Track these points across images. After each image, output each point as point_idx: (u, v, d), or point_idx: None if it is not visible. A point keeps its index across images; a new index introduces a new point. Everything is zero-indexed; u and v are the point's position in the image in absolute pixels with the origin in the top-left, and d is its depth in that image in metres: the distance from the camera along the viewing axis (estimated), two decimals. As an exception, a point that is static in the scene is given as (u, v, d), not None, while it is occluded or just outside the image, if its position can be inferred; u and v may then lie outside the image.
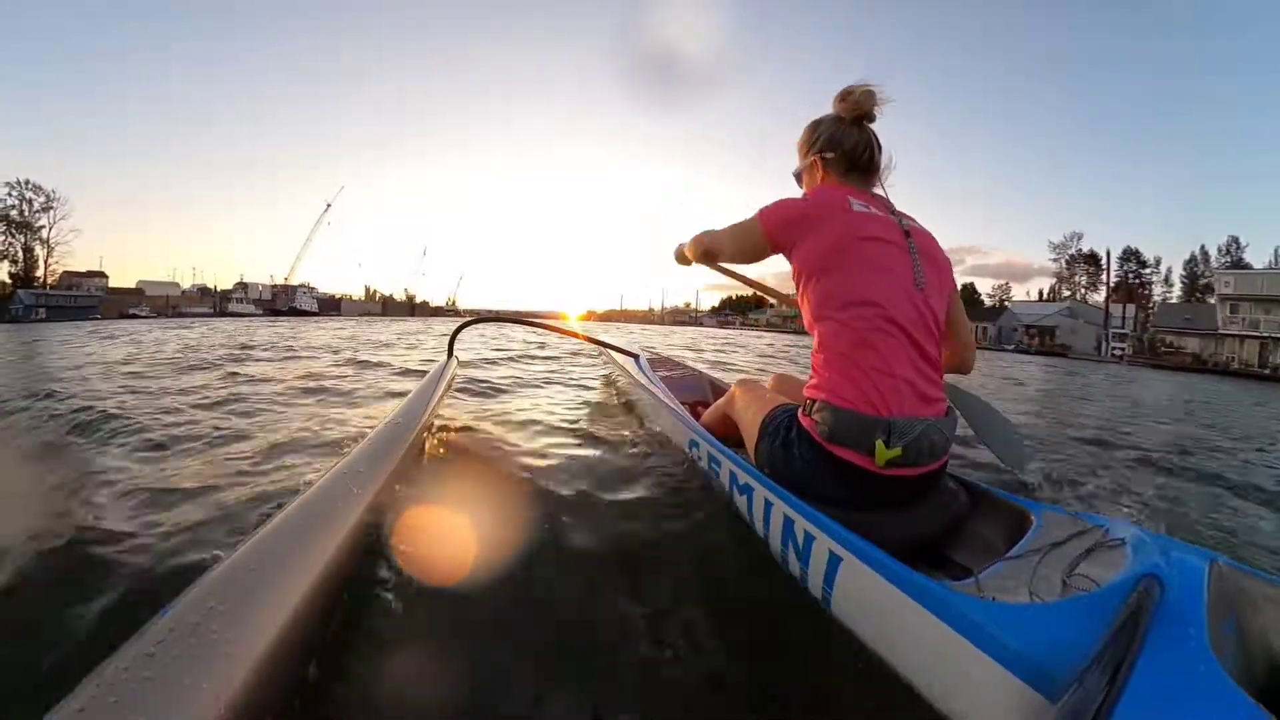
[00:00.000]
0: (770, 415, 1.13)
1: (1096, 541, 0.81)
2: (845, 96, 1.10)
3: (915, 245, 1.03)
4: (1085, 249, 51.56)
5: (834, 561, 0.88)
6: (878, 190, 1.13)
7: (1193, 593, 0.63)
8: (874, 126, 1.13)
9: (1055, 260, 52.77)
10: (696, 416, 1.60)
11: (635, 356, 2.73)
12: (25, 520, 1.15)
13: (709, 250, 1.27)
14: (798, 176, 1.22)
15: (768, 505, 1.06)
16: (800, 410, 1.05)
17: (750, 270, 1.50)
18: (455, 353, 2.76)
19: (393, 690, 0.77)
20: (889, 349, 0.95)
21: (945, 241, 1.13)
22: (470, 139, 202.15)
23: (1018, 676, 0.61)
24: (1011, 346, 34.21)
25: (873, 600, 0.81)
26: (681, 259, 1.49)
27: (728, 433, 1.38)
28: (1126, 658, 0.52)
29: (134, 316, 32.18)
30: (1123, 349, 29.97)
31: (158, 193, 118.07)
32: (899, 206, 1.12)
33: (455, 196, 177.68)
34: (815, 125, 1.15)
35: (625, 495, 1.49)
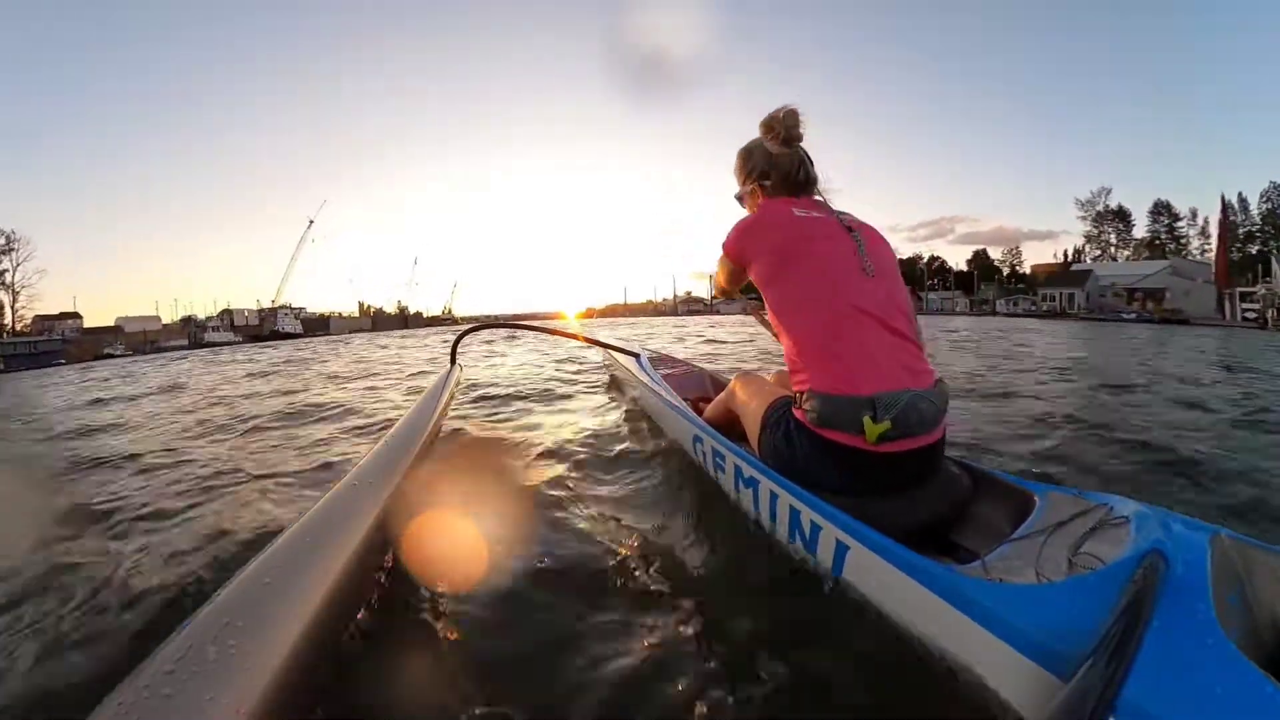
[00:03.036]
0: (770, 408, 1.14)
1: (1100, 520, 0.82)
2: (771, 124, 1.16)
3: (860, 237, 1.09)
4: (1114, 204, 48.34)
5: (841, 550, 0.89)
6: (817, 197, 1.20)
7: (1197, 566, 0.64)
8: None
9: (1083, 218, 49.91)
10: (699, 412, 1.60)
11: (636, 355, 2.74)
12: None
13: (722, 288, 1.39)
14: (739, 199, 1.30)
15: (773, 497, 1.07)
16: (793, 402, 1.06)
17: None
18: (458, 360, 2.78)
19: (411, 697, 0.78)
20: (856, 331, 0.99)
21: (934, 211, 1.17)
22: (456, 142, 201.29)
23: (1027, 656, 0.61)
24: (1132, 315, 27.26)
25: (881, 586, 0.82)
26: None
27: (730, 427, 1.38)
28: (1134, 634, 0.52)
29: (109, 356, 29.30)
30: (1257, 310, 23.16)
31: (135, 223, 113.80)
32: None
33: (444, 202, 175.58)
34: (748, 154, 1.24)
35: (631, 493, 1.50)
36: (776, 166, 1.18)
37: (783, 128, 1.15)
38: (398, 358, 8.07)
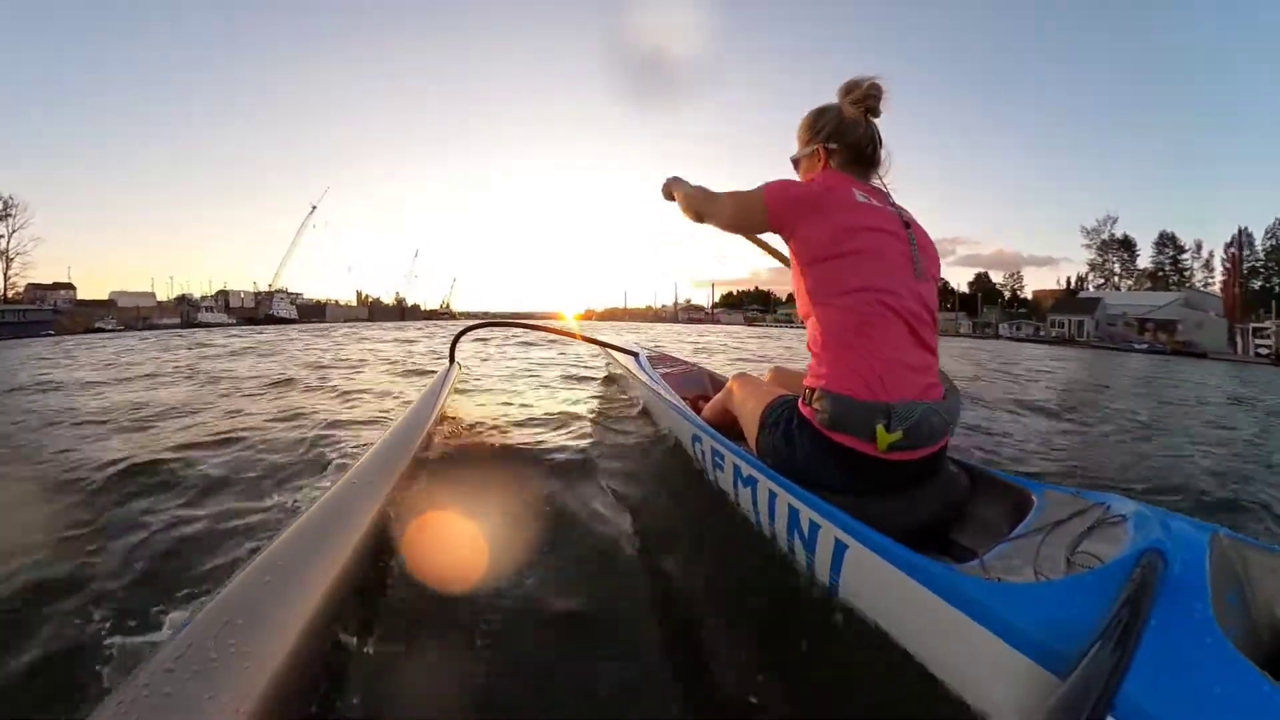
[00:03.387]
0: (769, 407, 1.14)
1: (1098, 519, 0.82)
2: (852, 89, 1.09)
3: (915, 237, 1.06)
4: (1119, 234, 48.34)
5: (840, 549, 0.89)
6: (876, 183, 1.15)
7: (1195, 566, 0.64)
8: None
9: (1088, 245, 49.91)
10: (698, 411, 1.60)
11: (635, 354, 2.74)
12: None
13: (703, 211, 1.25)
14: (795, 162, 1.22)
15: (772, 496, 1.07)
16: (800, 400, 1.05)
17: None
18: (457, 358, 2.80)
19: (410, 695, 0.78)
20: (888, 334, 0.97)
21: (936, 232, 1.18)
22: (456, 141, 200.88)
23: (1026, 655, 0.61)
24: (1144, 346, 27.78)
25: (880, 585, 0.82)
26: (668, 196, 1.42)
27: (729, 426, 1.38)
28: (1133, 632, 0.52)
29: (100, 330, 28.51)
30: (1270, 345, 24.43)
31: (137, 199, 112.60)
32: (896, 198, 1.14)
33: (444, 201, 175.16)
34: (820, 114, 1.15)
35: (630, 492, 1.50)
36: (847, 134, 1.10)
37: (865, 95, 1.08)
38: (358, 356, 6.29)
